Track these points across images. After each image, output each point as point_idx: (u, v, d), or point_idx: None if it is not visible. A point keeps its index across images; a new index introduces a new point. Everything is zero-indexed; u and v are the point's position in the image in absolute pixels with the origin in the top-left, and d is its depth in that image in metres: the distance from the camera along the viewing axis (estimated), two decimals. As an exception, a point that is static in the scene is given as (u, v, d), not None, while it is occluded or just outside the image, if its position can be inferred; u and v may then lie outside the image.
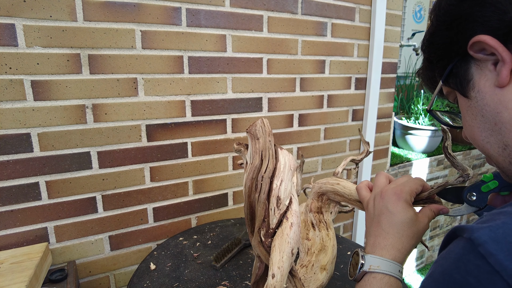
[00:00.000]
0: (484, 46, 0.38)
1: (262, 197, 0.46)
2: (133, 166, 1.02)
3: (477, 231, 0.29)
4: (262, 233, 0.45)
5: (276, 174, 0.47)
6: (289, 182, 0.48)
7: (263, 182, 0.46)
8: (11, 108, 0.84)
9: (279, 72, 1.22)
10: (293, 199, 0.48)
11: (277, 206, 0.46)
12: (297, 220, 0.46)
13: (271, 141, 0.48)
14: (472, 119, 0.43)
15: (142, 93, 0.99)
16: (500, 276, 0.26)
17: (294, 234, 0.44)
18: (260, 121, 0.49)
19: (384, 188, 0.53)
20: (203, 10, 1.04)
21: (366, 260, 0.48)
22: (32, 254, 0.86)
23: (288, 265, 0.43)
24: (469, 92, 0.42)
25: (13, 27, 0.81)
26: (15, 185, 0.88)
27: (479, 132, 0.42)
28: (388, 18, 1.44)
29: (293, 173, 0.50)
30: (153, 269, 0.84)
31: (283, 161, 0.48)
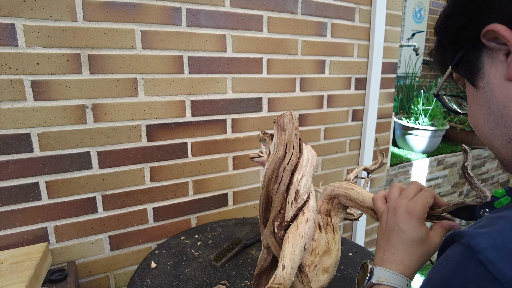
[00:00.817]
0: (497, 35, 0.36)
1: (281, 188, 0.46)
2: (133, 166, 1.02)
3: (477, 238, 0.29)
4: (276, 224, 0.45)
5: (298, 168, 0.47)
6: (309, 177, 0.48)
7: (284, 174, 0.46)
8: (11, 108, 0.84)
9: (279, 72, 1.22)
10: (311, 195, 0.48)
11: (295, 200, 0.46)
12: (313, 216, 0.46)
13: (297, 134, 0.48)
14: (477, 109, 0.42)
15: (142, 93, 0.99)
16: (500, 284, 0.26)
17: (309, 229, 0.45)
18: (289, 113, 0.49)
19: (397, 203, 0.52)
20: (203, 10, 1.04)
21: (375, 272, 0.48)
22: (32, 254, 0.86)
23: (299, 259, 0.43)
24: (478, 82, 0.41)
25: (13, 27, 0.81)
26: (15, 185, 0.88)
27: (483, 123, 0.41)
28: (388, 18, 1.44)
29: (314, 170, 0.50)
30: (154, 268, 0.84)
31: (307, 156, 0.48)
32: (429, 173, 2.01)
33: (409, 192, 0.52)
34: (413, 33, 2.72)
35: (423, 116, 2.05)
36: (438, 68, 0.51)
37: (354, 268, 0.87)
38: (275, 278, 0.41)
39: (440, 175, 2.08)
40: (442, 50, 0.47)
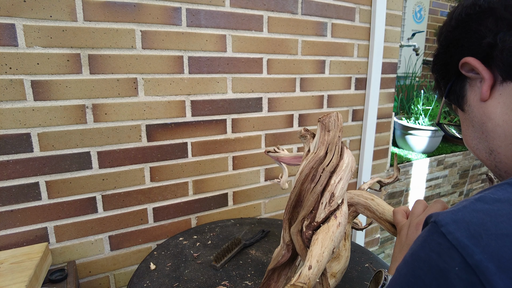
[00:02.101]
0: (471, 67, 0.44)
1: (317, 188, 0.46)
2: (133, 166, 1.02)
3: (441, 215, 0.33)
4: (305, 223, 0.45)
5: (337, 171, 0.47)
6: (346, 182, 0.48)
7: (323, 175, 0.46)
8: (11, 108, 0.84)
9: (279, 72, 1.22)
10: (345, 200, 0.48)
11: (329, 202, 0.46)
12: (344, 222, 0.46)
13: (340, 136, 0.48)
14: (466, 129, 0.49)
15: (142, 93, 0.99)
16: (456, 250, 0.30)
17: (339, 234, 0.45)
18: (335, 114, 0.49)
19: (421, 219, 0.54)
20: (203, 10, 1.04)
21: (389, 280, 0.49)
22: (32, 254, 0.86)
23: (326, 261, 0.43)
24: (464, 106, 0.48)
25: (13, 27, 0.81)
26: (15, 185, 0.88)
27: (470, 140, 0.48)
28: (388, 18, 1.44)
29: (351, 175, 0.50)
30: (153, 269, 0.84)
31: (347, 160, 0.49)
32: (429, 173, 2.01)
33: (434, 210, 0.55)
34: (413, 33, 2.72)
35: (423, 116, 2.05)
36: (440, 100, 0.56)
37: (353, 267, 0.87)
38: (300, 277, 0.41)
39: (440, 175, 2.08)
40: (438, 85, 0.54)
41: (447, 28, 0.48)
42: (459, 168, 2.18)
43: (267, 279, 0.53)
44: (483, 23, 0.42)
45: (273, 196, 1.33)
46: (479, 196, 0.35)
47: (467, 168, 2.24)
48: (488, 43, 0.42)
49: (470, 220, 0.32)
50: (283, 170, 0.90)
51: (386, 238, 1.90)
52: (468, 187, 2.30)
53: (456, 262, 0.30)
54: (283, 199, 1.37)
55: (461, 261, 0.30)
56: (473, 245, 0.30)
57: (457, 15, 0.46)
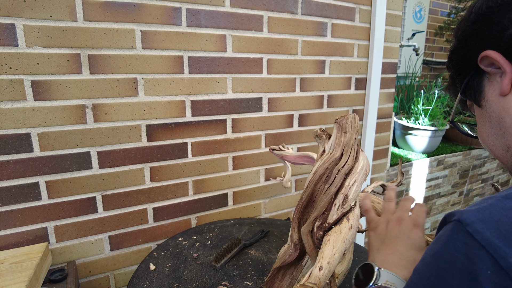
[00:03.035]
0: (491, 61, 0.43)
1: (331, 189, 0.46)
2: (133, 166, 1.02)
3: (466, 213, 0.32)
4: (317, 224, 0.45)
5: (352, 173, 0.47)
6: (360, 185, 0.48)
7: (338, 176, 0.46)
8: (11, 108, 0.84)
9: (279, 72, 1.22)
10: (357, 203, 0.48)
11: (342, 204, 0.46)
12: (356, 224, 0.46)
13: (356, 139, 0.48)
14: (482, 125, 0.48)
15: (142, 93, 0.99)
16: (486, 251, 0.29)
17: (351, 236, 0.45)
18: (352, 116, 0.49)
19: (400, 215, 0.57)
20: (203, 10, 1.04)
21: (382, 275, 0.49)
22: (32, 254, 0.86)
23: (337, 263, 0.43)
24: (481, 102, 0.47)
25: (13, 27, 0.81)
26: (15, 185, 0.88)
27: (487, 136, 0.47)
28: (388, 18, 1.44)
29: (365, 178, 0.50)
30: (152, 270, 0.84)
31: (362, 163, 0.48)
32: (429, 173, 2.01)
33: (408, 206, 0.58)
34: (413, 33, 2.72)
35: (423, 116, 2.05)
36: (454, 100, 0.57)
37: (352, 266, 0.87)
38: (310, 277, 0.41)
39: (440, 175, 2.08)
40: (453, 82, 0.54)
41: (466, 23, 0.47)
42: (459, 168, 2.18)
43: (272, 277, 0.53)
44: (505, 15, 0.42)
45: (273, 196, 1.33)
46: (508, 194, 0.33)
47: (467, 168, 2.24)
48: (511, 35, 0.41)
49: (500, 219, 0.30)
50: (286, 168, 0.89)
51: (386, 238, 1.90)
52: (468, 187, 2.30)
53: (487, 264, 0.28)
54: (283, 199, 1.37)
55: (493, 264, 0.28)
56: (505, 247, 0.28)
57: (477, 9, 0.45)
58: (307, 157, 0.85)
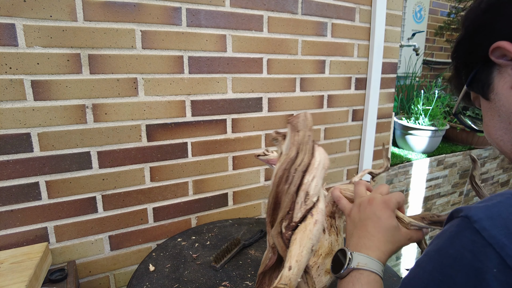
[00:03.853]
0: (504, 52, 0.41)
1: (291, 189, 0.46)
2: (133, 166, 1.02)
3: (473, 210, 0.31)
4: (284, 224, 0.45)
5: (310, 170, 0.47)
6: (320, 180, 0.48)
7: (296, 175, 0.46)
8: (11, 108, 0.84)
9: (279, 72, 1.22)
10: (321, 198, 0.48)
11: (305, 201, 0.46)
12: (321, 219, 0.46)
13: (310, 136, 0.48)
14: (490, 119, 0.47)
15: (142, 93, 0.99)
16: (493, 249, 0.28)
17: (317, 231, 0.45)
18: (303, 114, 0.49)
19: (372, 196, 0.58)
20: (203, 10, 1.04)
21: (354, 257, 0.50)
22: (32, 254, 0.86)
23: (306, 260, 0.43)
24: (489, 95, 0.45)
25: (13, 27, 0.81)
26: (15, 185, 0.88)
27: (494, 130, 0.46)
28: (388, 18, 1.44)
29: (325, 172, 0.50)
30: (152, 271, 0.84)
31: (319, 158, 0.48)
32: (429, 173, 2.01)
33: (382, 190, 0.59)
34: (413, 33, 2.72)
35: (423, 116, 2.05)
36: (456, 92, 0.56)
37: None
38: (281, 278, 0.41)
39: (440, 175, 2.08)
40: (457, 74, 0.52)
41: (476, 12, 0.45)
42: (459, 168, 2.18)
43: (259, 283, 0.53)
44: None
45: (273, 196, 1.33)
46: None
47: (467, 168, 2.24)
48: None
49: (507, 217, 0.30)
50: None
51: (386, 238, 1.90)
52: (468, 187, 2.30)
53: (494, 262, 0.28)
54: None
55: (500, 262, 0.28)
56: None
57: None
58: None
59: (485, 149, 2.28)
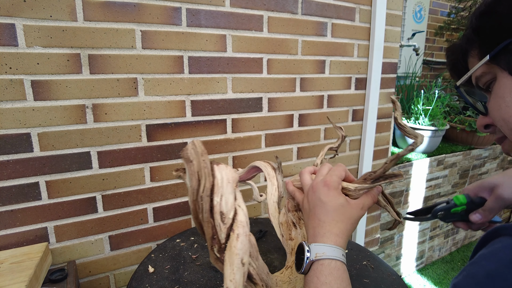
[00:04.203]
0: None
1: (205, 216, 0.46)
2: (133, 166, 1.02)
3: None
4: (216, 249, 0.46)
5: (215, 191, 0.47)
6: (230, 195, 0.48)
7: (203, 202, 0.46)
8: (11, 108, 0.84)
9: (279, 72, 1.22)
10: (239, 210, 0.48)
11: (222, 221, 0.46)
12: (243, 230, 0.46)
13: (205, 160, 0.48)
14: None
15: (142, 93, 0.99)
16: None
17: (242, 244, 0.45)
18: (191, 144, 0.49)
19: (313, 182, 0.55)
20: (203, 10, 1.04)
21: (312, 249, 0.49)
22: (32, 254, 0.86)
23: (241, 275, 0.43)
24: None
25: (13, 27, 0.81)
26: (15, 185, 0.88)
27: None
28: (388, 18, 1.44)
29: (234, 185, 0.49)
30: (151, 272, 0.84)
31: (220, 176, 0.48)
32: (429, 173, 2.01)
33: (322, 171, 0.57)
34: (413, 33, 2.72)
35: (423, 116, 2.05)
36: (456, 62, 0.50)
37: (352, 265, 0.87)
38: None
39: (440, 175, 2.08)
40: (473, 40, 0.45)
41: None
42: (459, 168, 2.18)
43: None
44: None
45: (273, 196, 1.33)
46: None
47: (467, 168, 2.24)
48: None
49: None
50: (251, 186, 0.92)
51: (386, 238, 1.90)
52: (468, 187, 2.30)
53: None
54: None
55: None
56: None
57: None
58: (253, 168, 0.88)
59: (485, 149, 2.28)
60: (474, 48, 0.46)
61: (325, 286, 0.45)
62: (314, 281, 0.47)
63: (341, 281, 0.46)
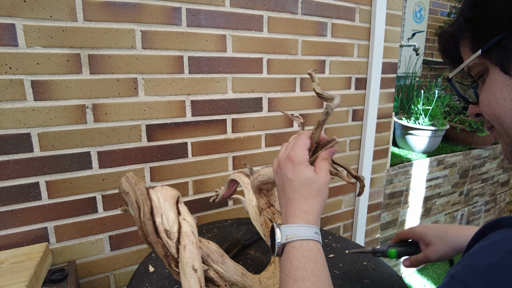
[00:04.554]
0: None
1: (152, 238, 0.48)
2: (133, 166, 1.02)
3: None
4: (173, 265, 0.47)
5: (155, 212, 0.49)
6: (169, 212, 0.49)
7: (147, 225, 0.48)
8: (11, 108, 0.84)
9: (279, 72, 1.22)
10: (183, 223, 0.49)
11: (169, 238, 0.48)
12: (189, 240, 0.47)
13: (139, 188, 0.50)
14: (505, 99, 0.40)
15: (142, 93, 0.99)
16: None
17: (189, 252, 0.46)
18: (124, 177, 0.51)
19: (279, 159, 0.53)
20: (203, 10, 1.04)
21: (282, 231, 0.47)
22: (32, 254, 0.86)
23: (195, 281, 0.44)
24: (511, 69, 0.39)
25: (13, 27, 0.81)
26: (15, 185, 0.88)
27: (510, 114, 0.40)
28: (388, 18, 1.44)
29: (172, 202, 0.51)
30: (152, 271, 0.84)
31: (156, 197, 0.50)
32: (429, 173, 2.01)
33: (288, 144, 0.55)
34: (413, 33, 2.72)
35: (423, 116, 2.05)
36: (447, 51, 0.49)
37: (353, 265, 0.87)
38: None
39: (440, 175, 2.08)
40: (466, 30, 0.43)
41: None
42: (459, 168, 2.18)
43: None
44: None
45: (273, 196, 1.33)
46: None
47: (467, 168, 2.24)
48: None
49: None
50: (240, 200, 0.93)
51: (386, 238, 1.90)
52: (468, 187, 2.30)
53: None
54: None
55: None
56: None
57: None
58: (231, 182, 0.89)
59: (485, 149, 2.28)
60: (465, 38, 0.45)
61: (299, 271, 0.43)
62: (288, 265, 0.45)
63: (314, 263, 0.44)
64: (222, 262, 0.53)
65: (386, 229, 1.87)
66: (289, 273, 0.44)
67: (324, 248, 0.96)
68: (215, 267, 0.51)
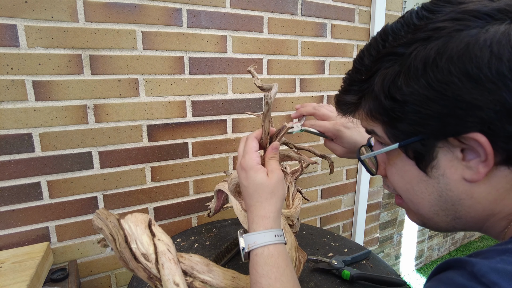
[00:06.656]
0: (474, 145, 0.34)
1: (132, 264, 0.49)
2: (134, 166, 1.03)
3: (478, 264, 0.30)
4: (159, 285, 0.49)
5: (129, 240, 0.51)
6: (142, 236, 0.51)
7: (124, 254, 0.50)
8: (13, 108, 0.85)
9: (279, 72, 1.23)
10: (158, 243, 0.51)
11: (148, 261, 0.49)
12: (165, 257, 0.49)
13: (111, 221, 0.52)
14: (424, 193, 0.40)
15: (143, 93, 1.00)
16: None
17: (168, 269, 0.48)
18: (95, 215, 0.54)
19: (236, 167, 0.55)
20: (204, 11, 1.04)
21: (245, 240, 0.49)
22: (34, 253, 0.86)
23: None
24: (429, 170, 0.38)
25: (14, 27, 0.81)
26: (16, 185, 0.88)
27: (429, 205, 0.40)
28: (387, 19, 1.44)
29: (144, 226, 0.53)
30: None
31: (127, 226, 0.52)
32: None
33: (239, 151, 0.56)
34: (413, 33, 2.72)
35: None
36: (343, 111, 0.46)
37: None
38: None
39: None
40: (379, 113, 0.39)
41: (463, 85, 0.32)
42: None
43: None
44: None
45: (273, 196, 1.34)
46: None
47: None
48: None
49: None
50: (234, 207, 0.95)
51: (385, 237, 1.91)
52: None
53: None
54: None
55: None
56: None
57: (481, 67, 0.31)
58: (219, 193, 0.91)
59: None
60: (375, 114, 0.40)
61: (264, 278, 0.45)
62: (254, 273, 0.46)
63: (277, 268, 0.45)
64: (209, 271, 0.54)
65: (385, 229, 1.88)
66: (256, 281, 0.46)
67: (323, 248, 0.97)
68: (202, 277, 0.52)
